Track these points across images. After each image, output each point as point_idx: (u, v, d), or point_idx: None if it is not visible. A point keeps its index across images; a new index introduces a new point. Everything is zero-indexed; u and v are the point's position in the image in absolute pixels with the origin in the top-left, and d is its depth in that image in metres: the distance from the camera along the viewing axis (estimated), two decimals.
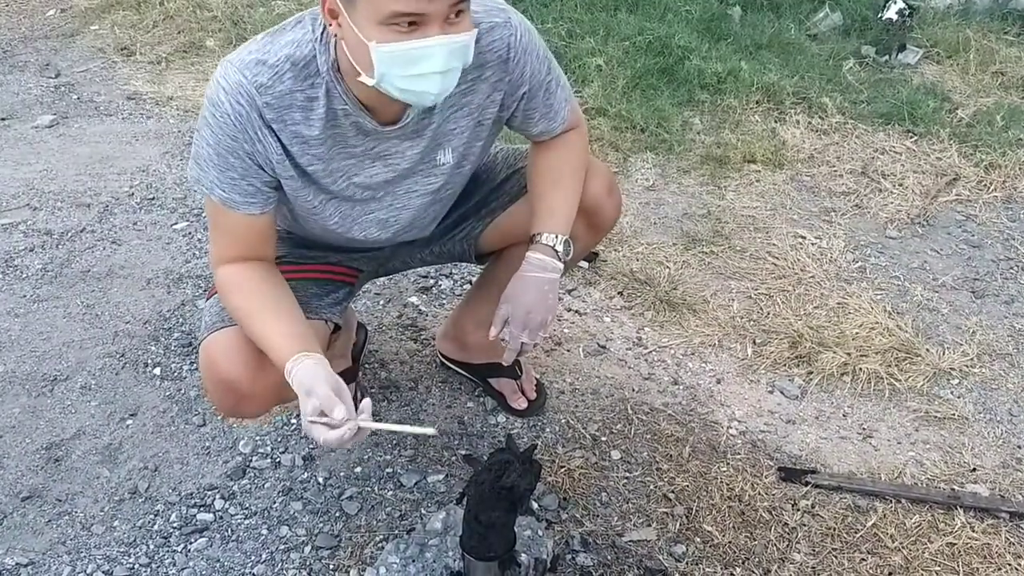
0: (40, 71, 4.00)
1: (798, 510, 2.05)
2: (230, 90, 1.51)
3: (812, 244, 2.96)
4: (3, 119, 3.63)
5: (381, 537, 1.95)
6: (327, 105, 1.56)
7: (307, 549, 1.93)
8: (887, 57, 4.04)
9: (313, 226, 1.77)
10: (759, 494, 2.08)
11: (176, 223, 2.99)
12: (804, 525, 2.02)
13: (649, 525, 2.01)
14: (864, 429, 2.30)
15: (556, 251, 1.80)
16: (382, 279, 2.66)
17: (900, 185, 3.28)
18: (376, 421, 1.55)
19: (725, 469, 2.15)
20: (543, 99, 1.76)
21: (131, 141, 3.48)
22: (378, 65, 1.45)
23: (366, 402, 1.54)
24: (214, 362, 1.71)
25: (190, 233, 2.93)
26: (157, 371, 2.40)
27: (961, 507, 2.07)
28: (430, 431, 1.58)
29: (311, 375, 1.52)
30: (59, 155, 3.38)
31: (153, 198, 3.12)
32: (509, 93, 1.70)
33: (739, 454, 2.20)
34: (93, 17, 4.42)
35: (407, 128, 1.64)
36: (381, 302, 2.65)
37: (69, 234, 2.93)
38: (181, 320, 2.57)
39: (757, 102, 3.68)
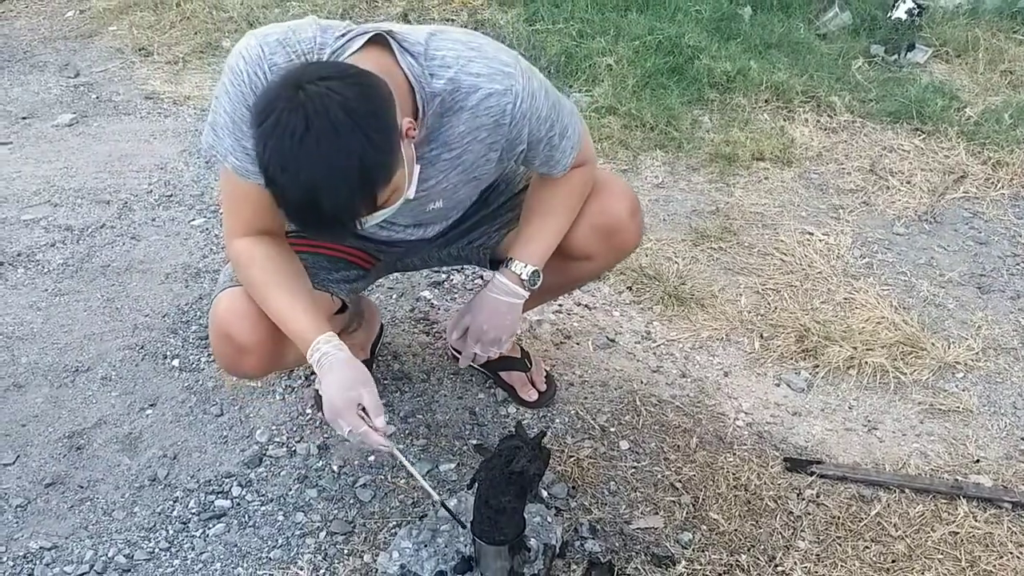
0: (60, 71, 4.07)
1: (803, 499, 2.09)
2: (250, 60, 1.57)
3: (820, 240, 2.99)
4: (24, 118, 3.70)
5: (394, 523, 2.00)
6: None
7: (322, 535, 1.98)
8: (896, 56, 4.06)
9: None
10: (765, 484, 2.12)
11: (194, 219, 3.05)
12: (809, 514, 2.05)
13: (656, 513, 2.05)
14: (869, 421, 2.34)
15: (522, 280, 1.88)
16: (395, 273, 2.71)
17: (908, 183, 3.31)
18: (403, 455, 1.74)
19: (731, 459, 2.19)
20: (543, 151, 1.79)
21: (149, 139, 3.54)
22: None
23: (390, 427, 1.75)
24: (217, 315, 1.80)
25: (207, 229, 2.98)
26: (176, 363, 2.46)
27: (964, 497, 2.10)
28: (435, 496, 1.78)
29: (353, 368, 1.66)
30: (79, 153, 3.44)
31: (171, 195, 3.18)
32: (507, 150, 1.74)
33: (745, 445, 2.24)
34: (111, 18, 4.48)
35: None
36: (394, 296, 2.70)
37: (89, 230, 2.99)
38: (199, 313, 2.62)
39: (766, 101, 3.71)
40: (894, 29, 4.17)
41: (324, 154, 1.37)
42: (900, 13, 4.20)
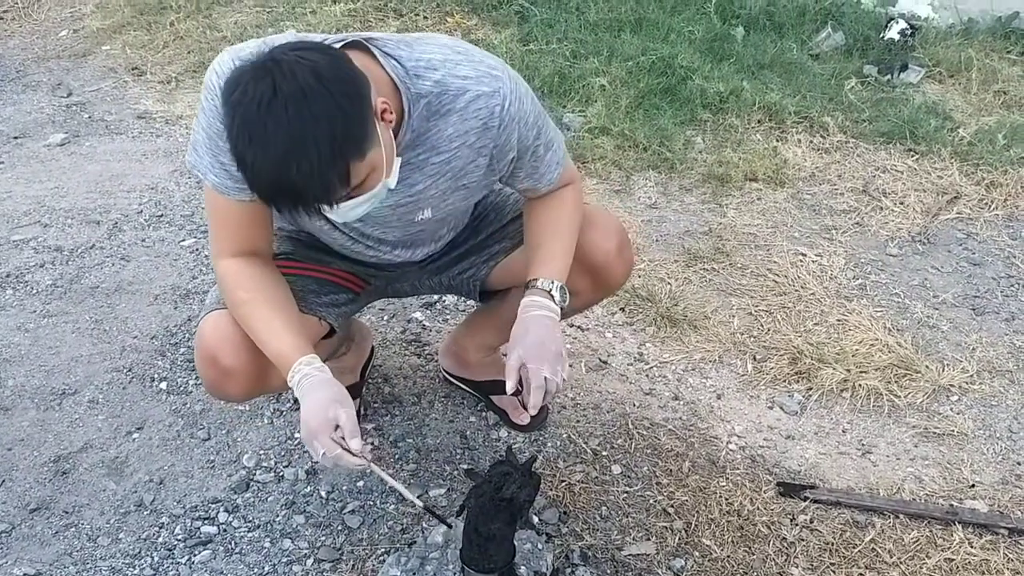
0: (52, 91, 4.07)
1: (796, 525, 2.07)
2: (222, 74, 1.55)
3: (813, 261, 2.98)
4: (16, 138, 3.68)
5: (383, 550, 1.97)
6: None
7: (309, 562, 1.96)
8: (889, 76, 4.07)
9: (305, 220, 1.80)
10: (758, 509, 2.10)
11: (184, 240, 3.03)
12: (802, 540, 2.03)
13: (648, 539, 2.03)
14: (863, 445, 2.32)
15: (552, 295, 1.79)
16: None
17: (901, 203, 3.31)
18: (382, 469, 1.71)
19: (724, 484, 2.17)
20: (529, 161, 1.76)
21: (140, 159, 3.53)
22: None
23: (368, 446, 1.69)
24: (202, 337, 1.78)
25: (197, 249, 2.97)
26: (163, 385, 2.43)
27: (960, 523, 2.08)
28: (418, 503, 1.76)
29: (330, 389, 1.62)
30: (70, 173, 3.43)
31: (161, 215, 3.16)
32: (497, 158, 1.71)
33: (738, 469, 2.22)
34: (105, 38, 4.48)
35: None
36: (385, 317, 2.68)
37: (79, 250, 2.97)
38: (187, 335, 2.60)
39: (759, 121, 3.71)
40: (887, 49, 4.18)
41: (292, 118, 1.34)
42: (893, 33, 4.22)
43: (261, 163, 1.37)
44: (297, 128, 1.34)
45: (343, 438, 1.60)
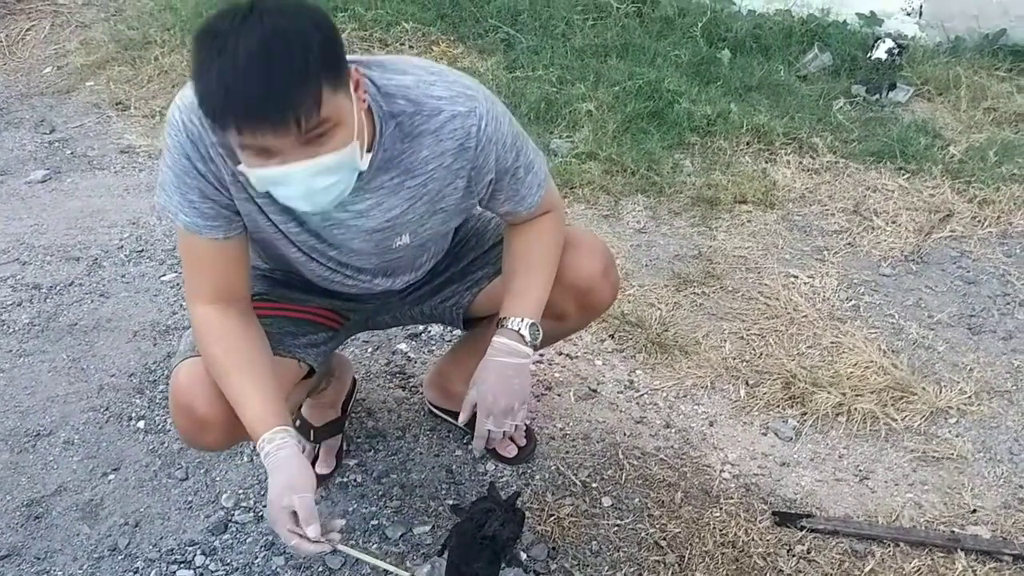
0: (35, 127, 4.02)
1: (793, 555, 2.00)
2: (184, 108, 1.51)
3: (804, 283, 2.93)
4: None
5: None
6: None
7: None
8: (877, 96, 4.03)
9: (280, 252, 1.74)
10: (753, 540, 2.03)
11: (164, 275, 2.98)
12: (800, 571, 1.97)
13: (641, 574, 1.96)
14: (860, 470, 2.25)
15: (522, 336, 1.76)
16: None
17: (893, 222, 3.26)
18: (353, 548, 1.63)
19: (718, 514, 2.10)
20: (509, 183, 1.71)
21: (122, 194, 3.48)
22: (253, 183, 1.46)
23: (338, 523, 1.58)
24: (178, 386, 1.71)
25: (178, 284, 2.91)
26: (141, 424, 2.37)
27: (962, 550, 2.02)
28: (403, 573, 1.65)
29: (295, 467, 1.55)
30: (50, 210, 3.38)
31: (142, 250, 3.11)
32: (475, 180, 1.66)
33: (732, 498, 2.15)
34: (89, 73, 4.44)
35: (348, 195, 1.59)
36: (369, 349, 2.62)
37: (57, 288, 2.91)
38: (167, 372, 2.52)
39: (747, 143, 3.67)
40: (875, 69, 4.15)
41: (267, 28, 1.30)
42: (880, 53, 4.18)
43: (224, 69, 1.29)
44: (271, 37, 1.30)
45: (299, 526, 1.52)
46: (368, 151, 1.52)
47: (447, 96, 1.58)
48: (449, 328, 2.69)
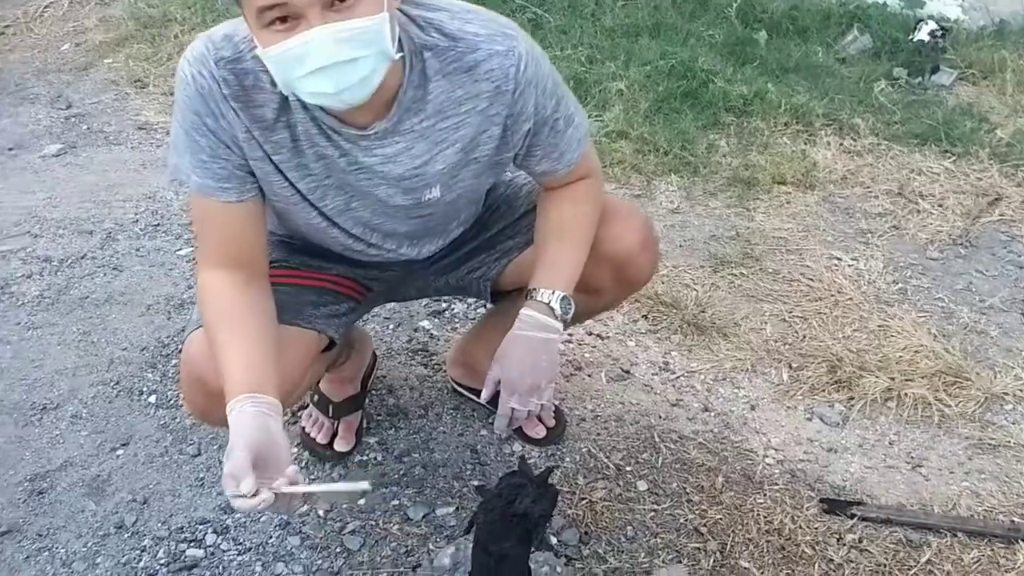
0: (51, 103, 3.93)
1: (844, 545, 1.86)
2: (193, 61, 1.41)
3: (848, 266, 2.79)
4: (10, 149, 3.54)
5: (385, 574, 1.78)
6: (283, 95, 1.42)
7: None
8: (920, 79, 3.89)
9: (298, 221, 1.63)
10: (800, 527, 1.90)
11: (180, 249, 2.87)
12: (851, 561, 1.83)
13: (680, 561, 1.83)
14: (912, 458, 2.11)
15: (552, 309, 1.63)
16: (392, 303, 2.52)
17: (939, 206, 3.11)
18: (297, 486, 1.33)
19: (762, 501, 1.97)
20: (547, 137, 1.58)
21: (139, 169, 3.38)
22: (275, 73, 1.33)
23: (291, 469, 1.34)
24: (188, 358, 1.59)
25: (194, 259, 2.80)
26: (152, 399, 2.26)
27: (1023, 540, 1.87)
28: (364, 485, 1.41)
29: (239, 428, 1.35)
30: (64, 183, 3.28)
31: (158, 224, 3.01)
32: (511, 129, 1.53)
33: (777, 485, 2.02)
34: (107, 51, 4.36)
35: (375, 137, 1.48)
36: (391, 326, 2.50)
37: (69, 261, 2.81)
38: (180, 347, 2.42)
39: (785, 124, 3.53)
40: (917, 52, 4.01)
41: None
42: (923, 35, 4.04)
43: None
44: None
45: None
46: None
47: (484, 34, 1.46)
48: (473, 306, 2.58)
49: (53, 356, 2.42)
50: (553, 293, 1.64)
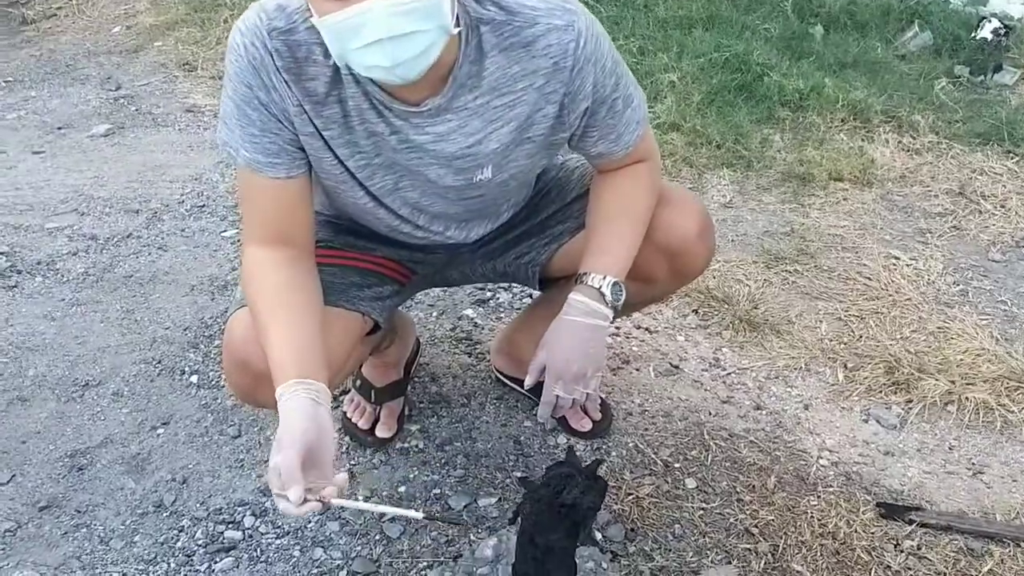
0: (101, 84, 3.95)
1: (902, 551, 1.79)
2: (245, 31, 1.37)
3: (907, 265, 2.70)
4: (59, 128, 3.56)
5: (425, 564, 1.74)
6: (336, 68, 1.38)
7: (343, 574, 1.73)
8: (982, 77, 3.78)
9: (345, 200, 1.58)
10: (856, 532, 1.82)
11: (225, 230, 2.85)
12: (909, 568, 1.75)
13: (729, 562, 1.76)
14: (974, 464, 2.03)
15: (603, 294, 1.57)
16: (436, 290, 2.48)
17: (1002, 207, 3.01)
18: (353, 500, 1.30)
19: (816, 503, 1.90)
20: (604, 117, 1.52)
21: (185, 151, 3.38)
22: (329, 43, 1.29)
23: (341, 477, 1.30)
24: (232, 339, 1.55)
25: (239, 240, 2.78)
26: (194, 379, 2.24)
27: None
28: (416, 515, 1.39)
29: (290, 420, 1.30)
30: (112, 163, 3.28)
31: (203, 205, 2.99)
32: (568, 108, 1.48)
33: (831, 487, 1.94)
34: (158, 34, 4.38)
35: (427, 114, 1.43)
36: (434, 314, 2.46)
37: (114, 239, 2.80)
38: (223, 327, 2.40)
39: (842, 120, 3.44)
40: (979, 49, 3.90)
41: None
42: (985, 33, 3.94)
43: None
44: None
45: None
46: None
47: (543, 8, 1.40)
48: (519, 295, 2.53)
49: (96, 333, 2.40)
50: (604, 278, 1.58)
